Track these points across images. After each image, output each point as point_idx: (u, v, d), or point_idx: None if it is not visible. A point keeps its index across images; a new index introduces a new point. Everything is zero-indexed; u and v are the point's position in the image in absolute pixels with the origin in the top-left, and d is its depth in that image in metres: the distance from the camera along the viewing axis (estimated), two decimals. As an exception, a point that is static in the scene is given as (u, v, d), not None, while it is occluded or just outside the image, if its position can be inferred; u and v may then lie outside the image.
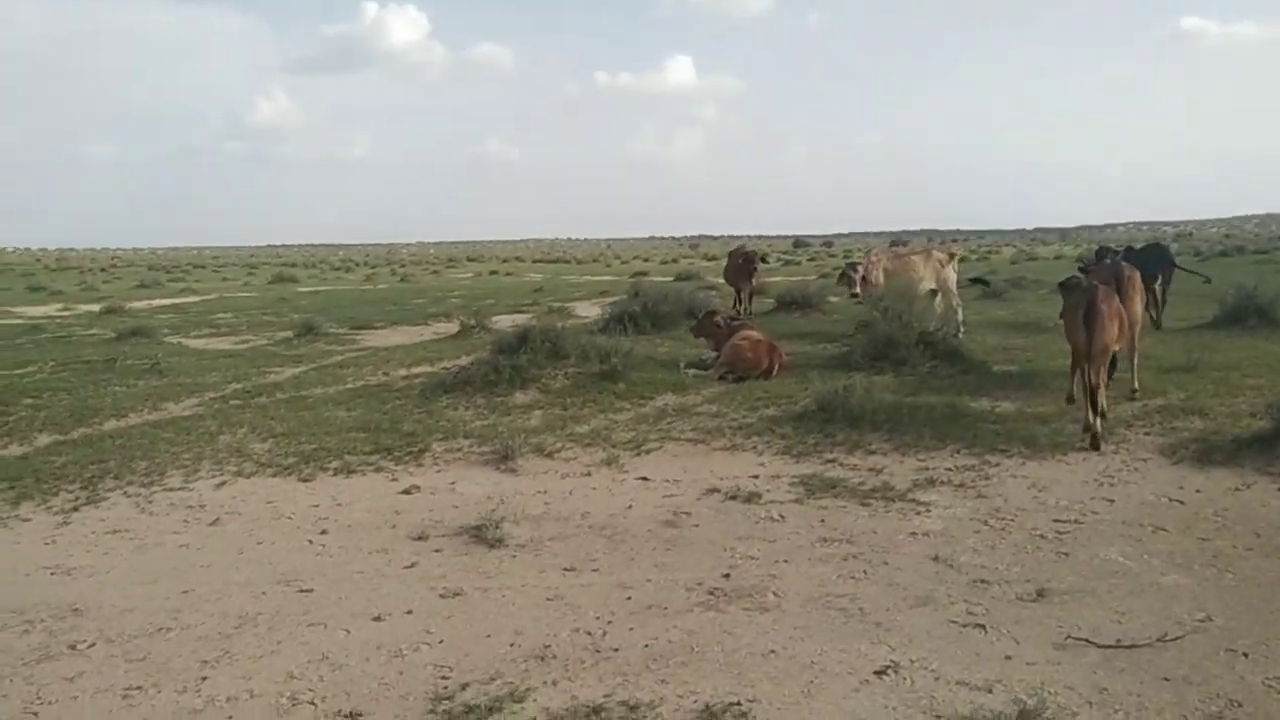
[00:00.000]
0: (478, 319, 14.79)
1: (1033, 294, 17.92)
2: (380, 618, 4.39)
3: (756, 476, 6.48)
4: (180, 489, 6.55)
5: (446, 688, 3.70)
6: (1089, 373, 6.96)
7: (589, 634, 4.15)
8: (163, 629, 4.33)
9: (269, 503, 6.26)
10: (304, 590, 4.74)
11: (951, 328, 11.29)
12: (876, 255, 13.13)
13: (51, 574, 5.07)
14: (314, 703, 3.62)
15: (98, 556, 5.33)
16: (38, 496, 6.38)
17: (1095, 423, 6.84)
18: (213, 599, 4.67)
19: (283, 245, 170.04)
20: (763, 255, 16.69)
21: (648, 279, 26.42)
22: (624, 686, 3.66)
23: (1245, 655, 3.79)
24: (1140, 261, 11.04)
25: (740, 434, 7.52)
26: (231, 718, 3.55)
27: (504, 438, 7.27)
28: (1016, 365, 9.91)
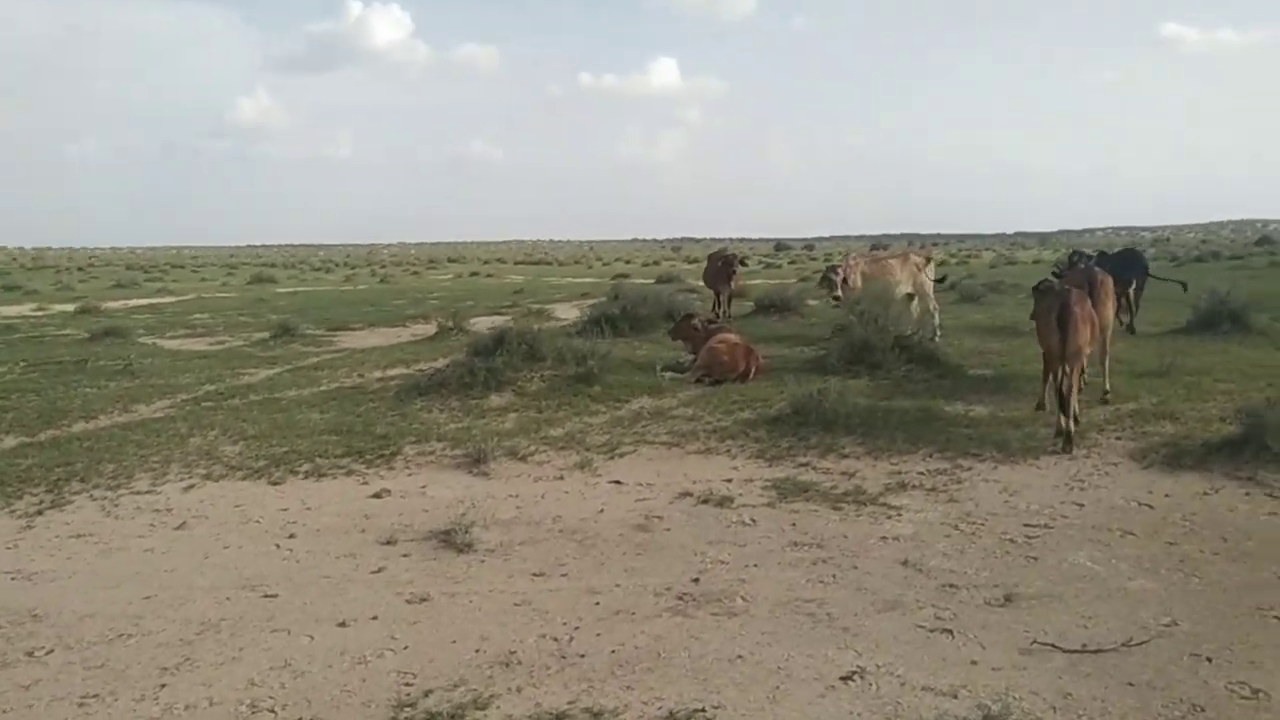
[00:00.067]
0: (455, 320, 14.73)
1: (1011, 298, 17.99)
2: (345, 623, 4.34)
3: (729, 480, 6.46)
4: (147, 492, 6.47)
5: (409, 694, 3.66)
6: (1062, 376, 7.00)
7: (555, 640, 4.11)
8: (123, 635, 4.26)
9: (237, 506, 6.18)
10: (268, 596, 4.68)
11: (928, 331, 11.34)
12: (854, 259, 13.16)
13: (12, 579, 4.98)
14: (274, 710, 3.57)
15: (60, 561, 5.25)
16: (1, 500, 6.28)
17: (1068, 425, 6.87)
18: (175, 604, 4.60)
19: (263, 245, 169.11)
20: (742, 258, 16.69)
21: (629, 281, 26.43)
22: (589, 693, 3.63)
23: (1209, 660, 3.80)
24: (1114, 267, 11.12)
25: (715, 437, 7.50)
26: (190, 726, 3.50)
27: (477, 441, 7.23)
28: (992, 369, 9.94)
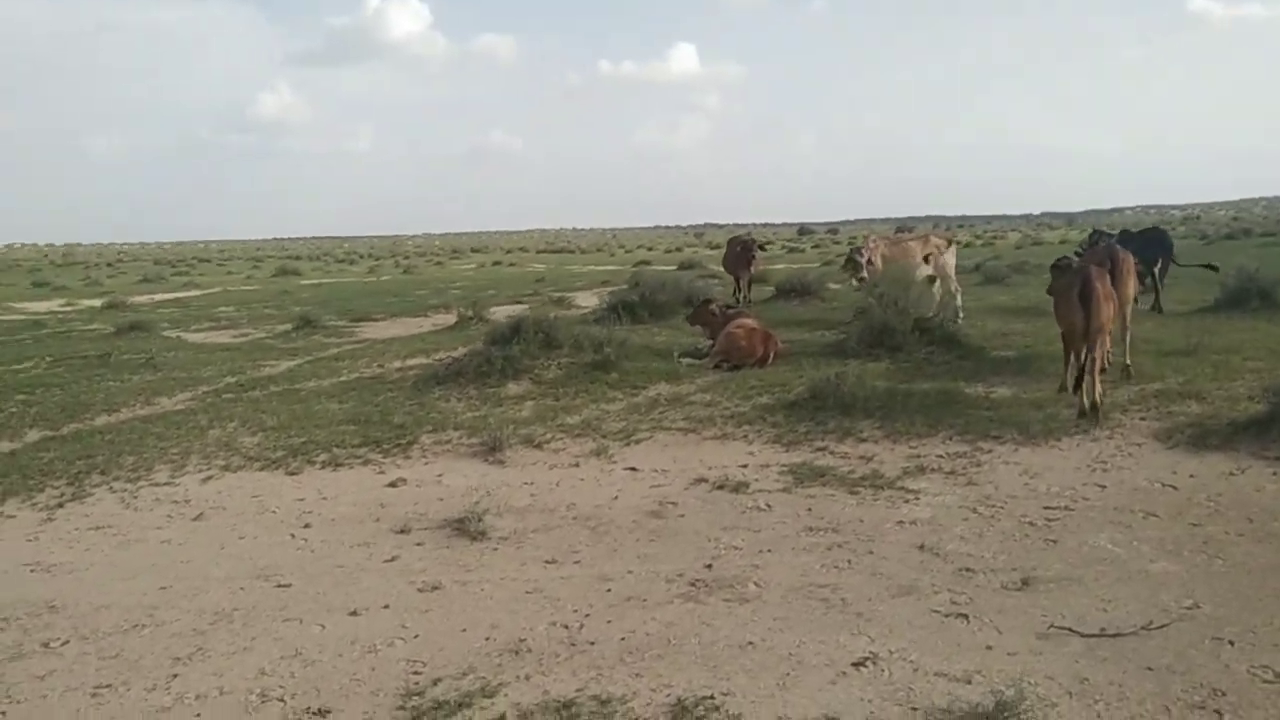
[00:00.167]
0: (475, 310, 14.72)
1: (1035, 279, 17.69)
2: (356, 612, 4.34)
3: (745, 466, 6.41)
4: (166, 484, 6.52)
5: (418, 683, 3.65)
6: (1085, 353, 6.92)
7: (565, 627, 4.10)
8: (137, 625, 4.29)
9: (254, 497, 6.22)
10: (282, 585, 4.70)
11: (950, 313, 11.21)
12: (875, 241, 13.02)
13: (31, 571, 5.05)
14: (283, 699, 3.58)
15: (79, 553, 5.30)
16: (23, 493, 6.36)
17: (1090, 400, 6.85)
18: (190, 595, 4.63)
19: (288, 239, 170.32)
20: (762, 243, 16.55)
21: (650, 268, 26.36)
22: (597, 680, 3.61)
23: (1231, 643, 3.72)
24: (1138, 246, 10.94)
25: (732, 423, 7.45)
26: (200, 715, 3.51)
27: (493, 429, 7.22)
28: (1014, 350, 9.80)
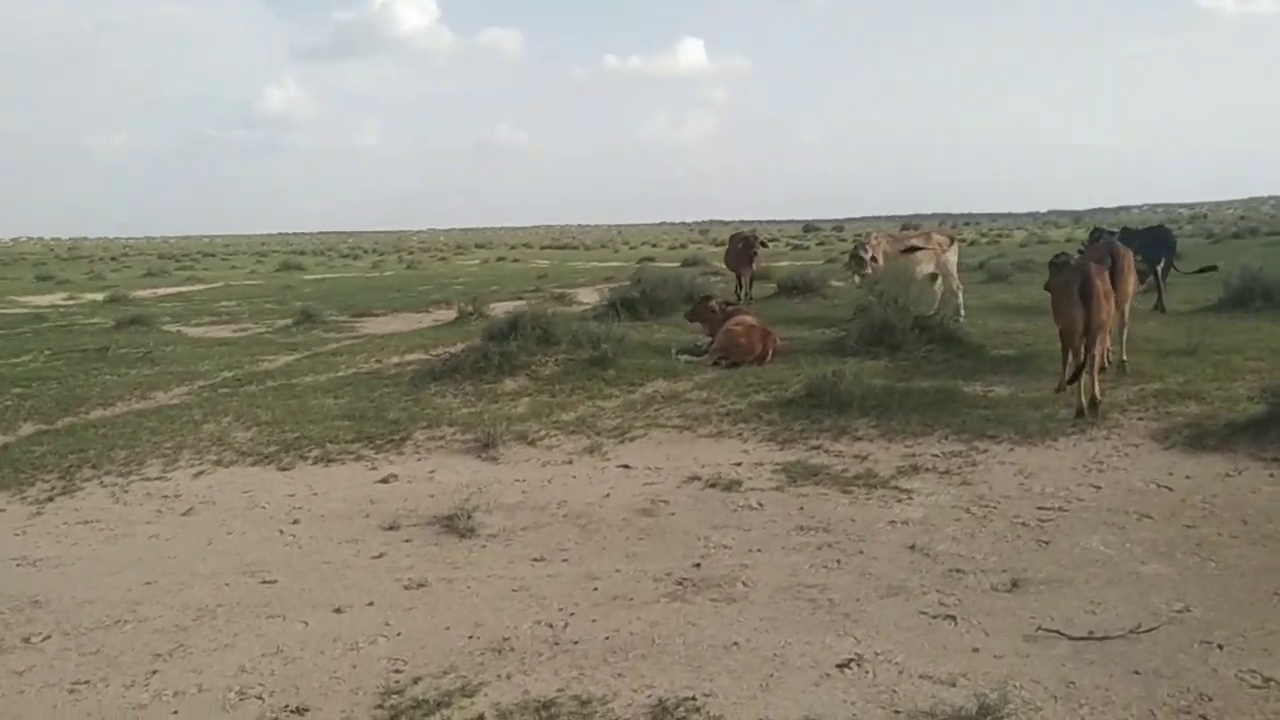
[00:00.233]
0: (475, 305, 14.71)
1: (1040, 277, 17.57)
2: (341, 609, 4.31)
3: (739, 464, 6.37)
4: (157, 478, 6.49)
5: (398, 681, 3.62)
6: (1084, 351, 6.92)
7: (550, 626, 4.06)
8: (120, 621, 4.27)
9: (245, 492, 6.19)
10: (267, 581, 4.68)
11: (951, 311, 11.16)
12: (876, 238, 12.98)
13: (17, 565, 5.02)
14: (262, 697, 3.55)
15: (66, 547, 5.28)
16: (14, 486, 6.34)
17: (1095, 393, 6.95)
18: (174, 590, 4.60)
19: (294, 234, 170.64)
20: (763, 240, 16.49)
21: (653, 265, 26.30)
22: (579, 680, 3.57)
23: (1220, 647, 3.67)
24: (1141, 244, 10.87)
25: (728, 420, 7.40)
26: (177, 713, 3.48)
27: (487, 425, 7.19)
28: (1015, 349, 9.74)
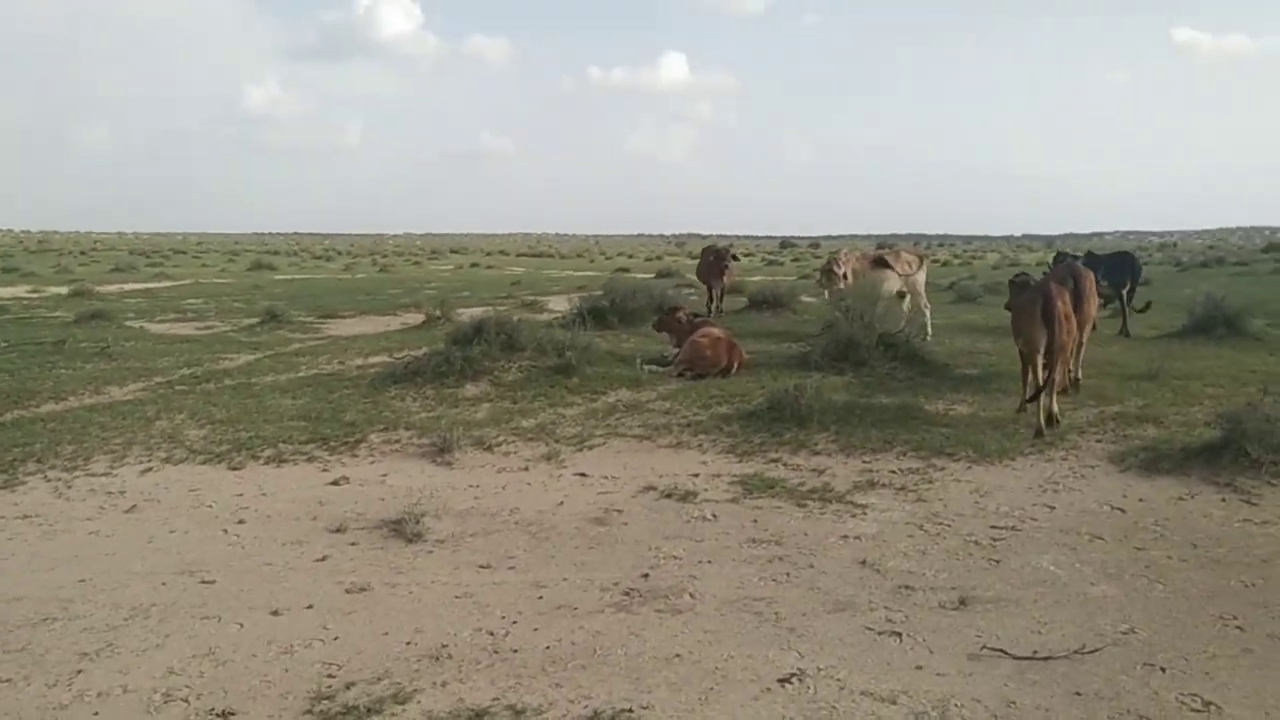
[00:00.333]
0: (444, 310, 14.60)
1: (1008, 298, 17.79)
2: (278, 612, 4.22)
3: (697, 475, 6.32)
4: (103, 475, 6.36)
5: (330, 686, 3.53)
6: (1045, 369, 7.02)
7: (491, 634, 3.99)
8: (49, 619, 4.15)
9: (192, 491, 6.07)
10: (206, 582, 4.57)
11: (916, 329, 11.19)
12: (846, 254, 13.02)
13: (-51, 560, 4.89)
14: (187, 700, 3.45)
15: (1, 542, 5.14)
16: (-47, 480, 6.18)
17: (1054, 413, 7.17)
18: (109, 589, 4.49)
19: (270, 233, 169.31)
20: (735, 253, 16.50)
21: (627, 275, 26.25)
22: (515, 689, 3.50)
23: (1163, 670, 3.65)
24: (1107, 269, 10.96)
25: (688, 431, 7.36)
26: (98, 714, 3.37)
27: (444, 430, 7.10)
28: (979, 369, 9.78)
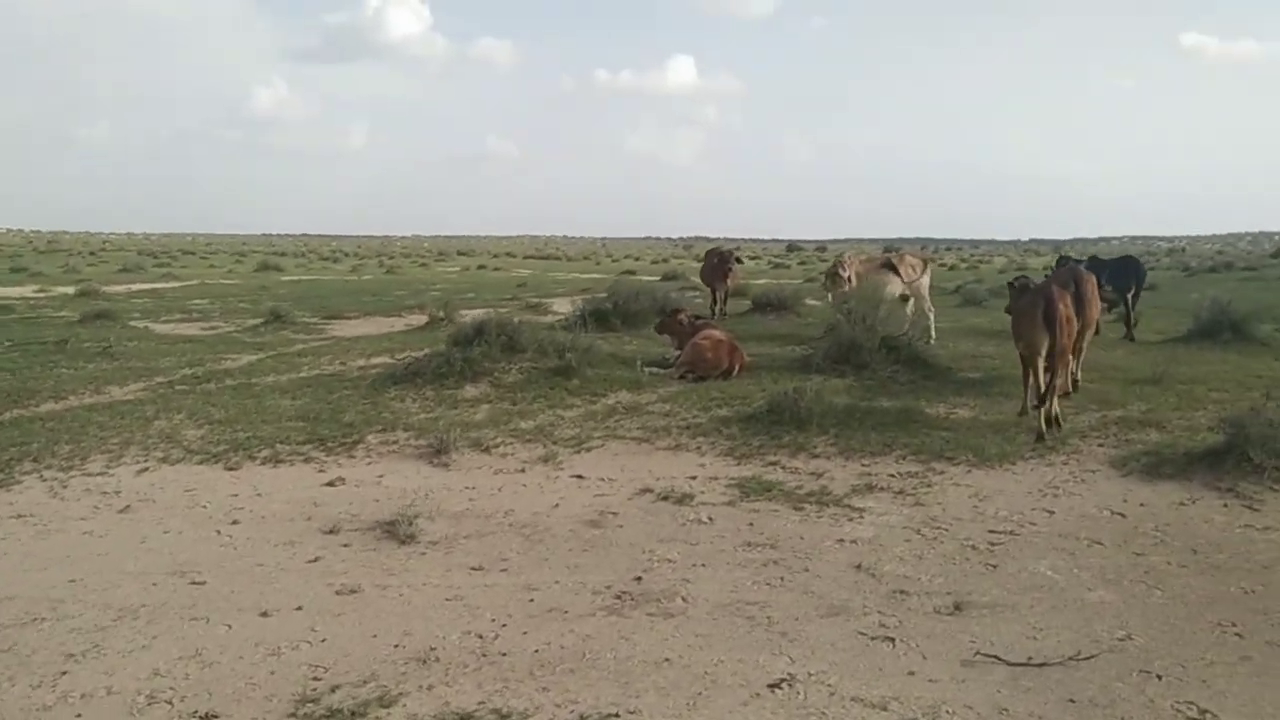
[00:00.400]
0: (447, 311, 14.59)
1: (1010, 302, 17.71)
2: (267, 613, 4.19)
3: (694, 477, 6.28)
4: (100, 474, 6.35)
5: (315, 689, 3.51)
6: (1047, 372, 6.99)
7: (480, 637, 3.96)
8: (37, 619, 4.13)
9: (187, 491, 6.05)
10: (196, 583, 4.55)
11: (920, 332, 11.13)
12: (849, 258, 12.98)
13: (-59, 559, 4.87)
14: (171, 702, 3.42)
15: (-6, 542, 5.13)
16: (-51, 479, 6.18)
17: (1056, 416, 7.08)
18: (100, 589, 4.47)
19: (277, 235, 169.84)
20: (739, 256, 16.46)
21: (633, 278, 26.23)
22: (501, 693, 3.47)
23: (1159, 677, 3.60)
24: (1111, 273, 10.90)
25: (687, 434, 7.32)
26: (80, 715, 3.35)
27: (442, 431, 7.07)
28: (981, 372, 9.71)
